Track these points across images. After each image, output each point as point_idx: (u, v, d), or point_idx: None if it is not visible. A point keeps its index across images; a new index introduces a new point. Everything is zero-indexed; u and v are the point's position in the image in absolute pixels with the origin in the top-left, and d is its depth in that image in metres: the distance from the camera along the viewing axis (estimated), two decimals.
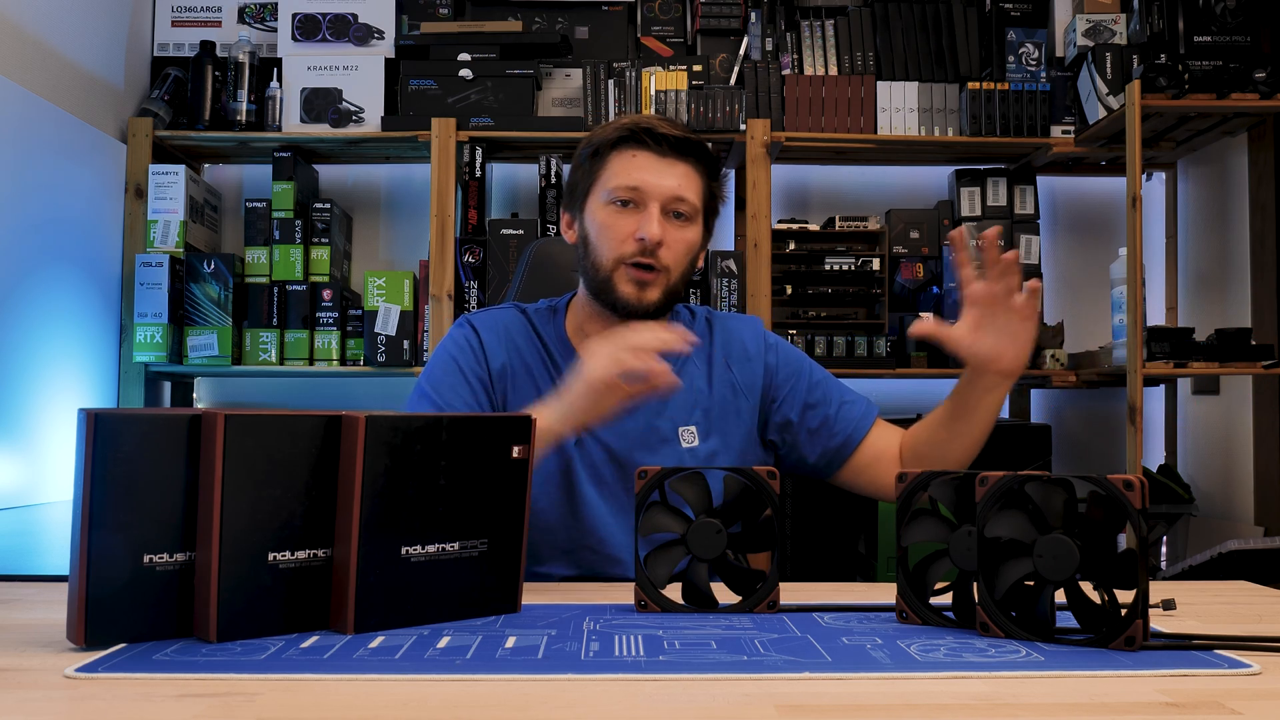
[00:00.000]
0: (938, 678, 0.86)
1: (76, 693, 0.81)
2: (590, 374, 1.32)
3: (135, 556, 0.93)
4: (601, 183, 1.49)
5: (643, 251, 1.45)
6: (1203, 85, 2.67)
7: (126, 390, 2.94)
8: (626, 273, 1.46)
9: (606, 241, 1.47)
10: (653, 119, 1.49)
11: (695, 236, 1.50)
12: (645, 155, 1.47)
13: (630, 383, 1.30)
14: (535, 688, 0.83)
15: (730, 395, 1.56)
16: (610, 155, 1.49)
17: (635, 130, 1.47)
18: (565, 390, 1.36)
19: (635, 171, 1.46)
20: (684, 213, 1.48)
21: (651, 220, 1.44)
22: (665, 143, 1.46)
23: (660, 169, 1.47)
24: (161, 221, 2.99)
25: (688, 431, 1.53)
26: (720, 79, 3.14)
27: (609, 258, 1.47)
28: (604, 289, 1.48)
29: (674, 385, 1.32)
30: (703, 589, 1.13)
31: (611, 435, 1.51)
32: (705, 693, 0.81)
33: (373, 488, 0.99)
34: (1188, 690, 0.83)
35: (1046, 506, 0.98)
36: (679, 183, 1.47)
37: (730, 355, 1.59)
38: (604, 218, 1.48)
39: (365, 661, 0.89)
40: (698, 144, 1.49)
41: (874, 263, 3.08)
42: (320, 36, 3.10)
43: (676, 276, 1.49)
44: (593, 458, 1.51)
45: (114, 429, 0.92)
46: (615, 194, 1.47)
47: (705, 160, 1.51)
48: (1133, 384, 2.63)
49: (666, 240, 1.46)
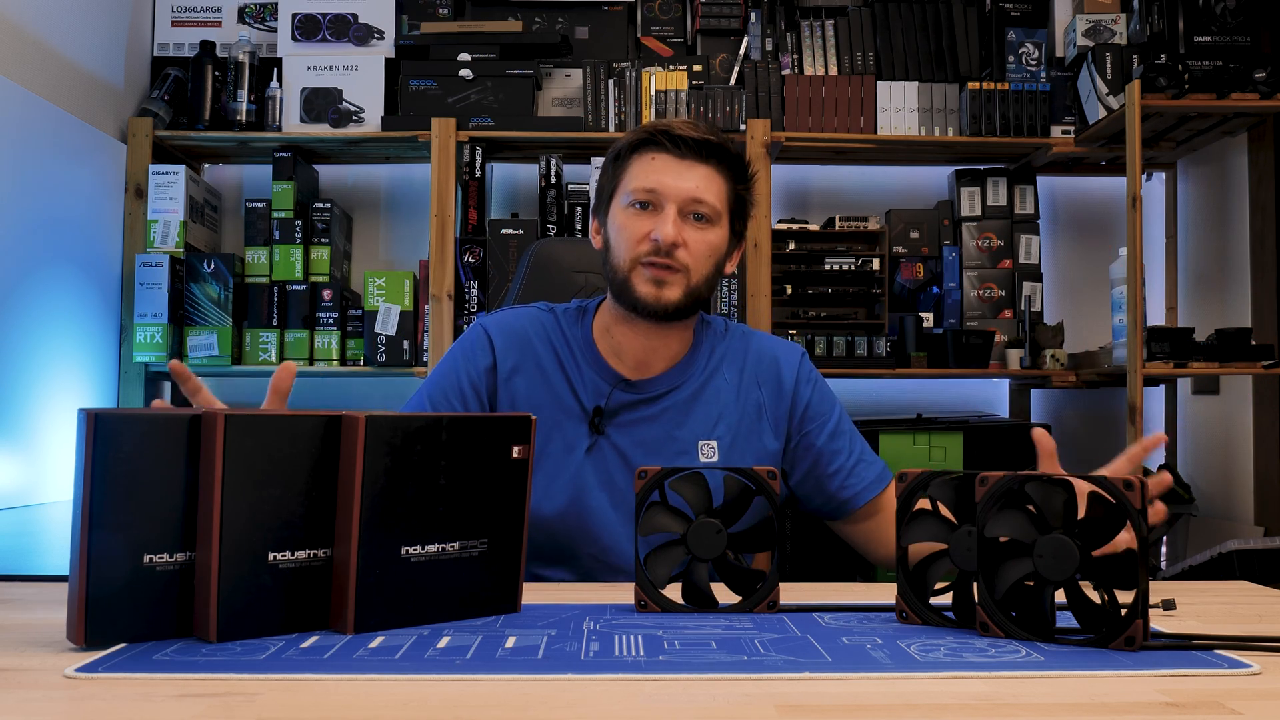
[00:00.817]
0: (938, 678, 0.86)
1: (76, 693, 0.80)
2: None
3: (135, 556, 0.93)
4: (622, 186, 1.49)
5: (656, 251, 1.44)
6: (1203, 85, 2.67)
7: (126, 390, 2.94)
8: (643, 272, 1.45)
9: (624, 243, 1.47)
10: (675, 121, 1.49)
11: (718, 239, 1.48)
12: (664, 158, 1.46)
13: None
14: (535, 688, 0.82)
15: (754, 416, 1.54)
16: (631, 159, 1.49)
17: (653, 133, 1.47)
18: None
19: (653, 174, 1.46)
20: (704, 214, 1.46)
21: (667, 221, 1.43)
22: (683, 144, 1.46)
23: (679, 171, 1.46)
24: (161, 221, 2.98)
25: (708, 445, 1.51)
26: (720, 79, 3.14)
27: (626, 258, 1.46)
28: (623, 290, 1.47)
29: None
30: (703, 589, 1.13)
31: (628, 442, 1.49)
32: (705, 693, 0.81)
33: (373, 488, 0.99)
34: (1188, 690, 0.83)
35: (1046, 506, 0.98)
36: (697, 184, 1.45)
37: (762, 377, 1.56)
38: (623, 220, 1.48)
39: (365, 661, 0.88)
40: (719, 146, 1.48)
41: (874, 263, 3.07)
42: (320, 36, 3.10)
43: (699, 278, 1.46)
44: (607, 464, 1.50)
45: (114, 429, 0.91)
46: (634, 196, 1.46)
47: (729, 162, 1.49)
48: (1133, 384, 2.63)
49: (685, 241, 1.44)
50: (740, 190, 1.51)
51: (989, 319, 3.16)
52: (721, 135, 1.50)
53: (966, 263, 3.18)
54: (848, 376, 3.04)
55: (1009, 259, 3.19)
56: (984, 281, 3.18)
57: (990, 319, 3.16)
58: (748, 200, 1.53)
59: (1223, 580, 1.71)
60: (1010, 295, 3.17)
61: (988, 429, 2.96)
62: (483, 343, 1.54)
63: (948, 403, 3.32)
